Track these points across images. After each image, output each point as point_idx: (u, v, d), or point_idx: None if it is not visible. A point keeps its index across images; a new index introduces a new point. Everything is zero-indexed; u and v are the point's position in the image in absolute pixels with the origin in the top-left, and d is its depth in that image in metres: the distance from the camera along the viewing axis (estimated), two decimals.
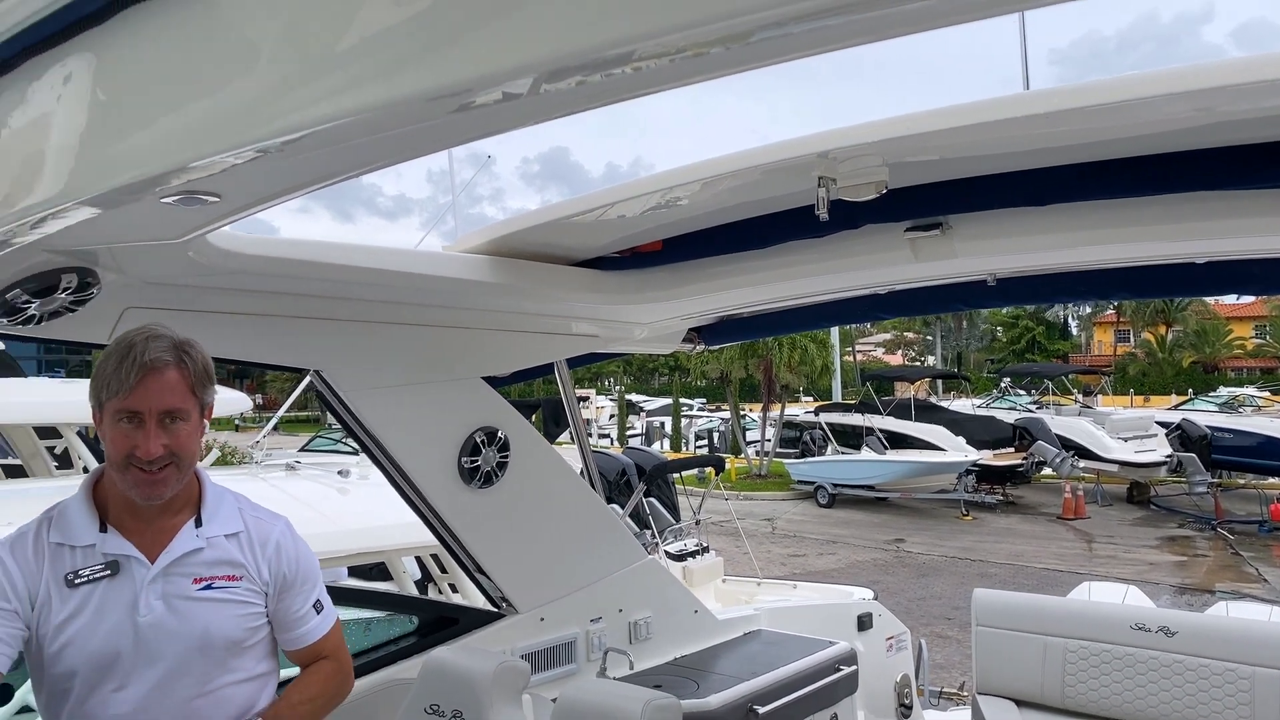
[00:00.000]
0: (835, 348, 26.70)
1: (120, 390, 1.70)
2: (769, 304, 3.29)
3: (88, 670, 1.73)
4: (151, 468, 1.73)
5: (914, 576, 13.30)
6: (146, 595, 1.77)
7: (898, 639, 4.82)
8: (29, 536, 1.78)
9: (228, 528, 1.90)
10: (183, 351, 1.77)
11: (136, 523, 1.81)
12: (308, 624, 2.00)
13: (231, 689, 1.87)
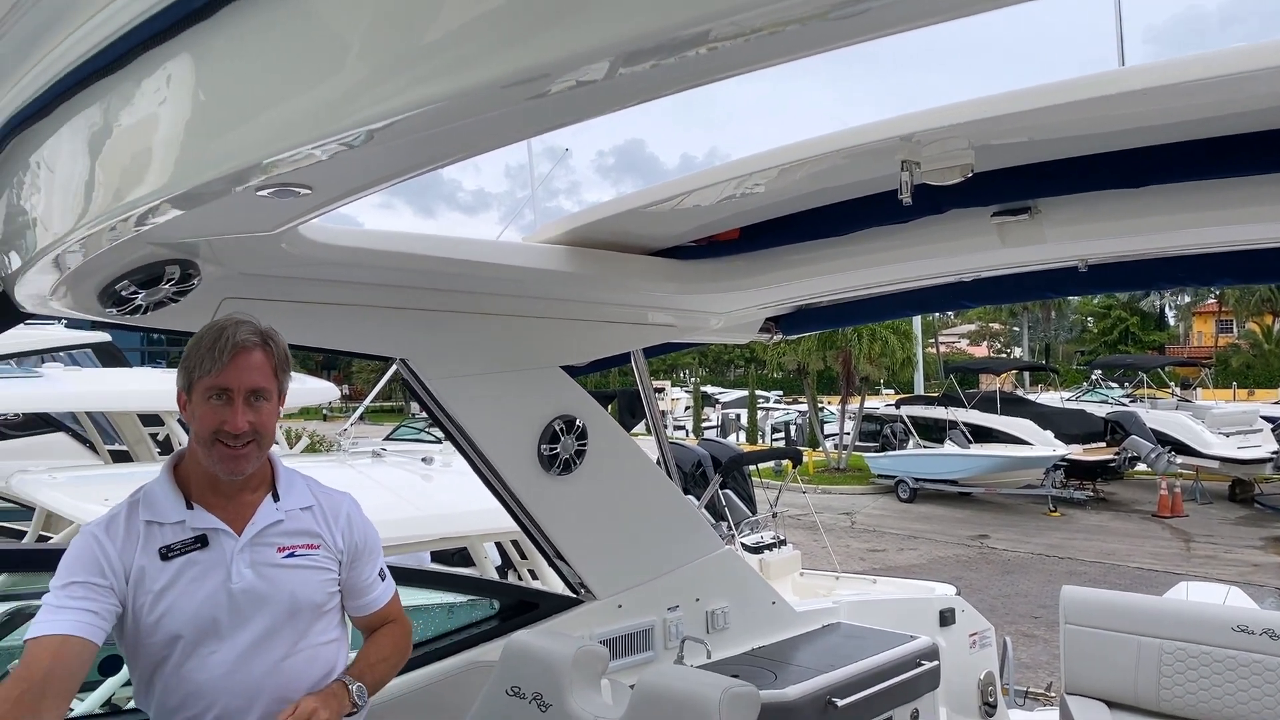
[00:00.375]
0: (917, 339, 26.13)
1: (213, 368, 1.82)
2: (848, 293, 3.24)
3: (188, 635, 1.83)
4: (237, 443, 1.83)
5: (998, 573, 12.96)
6: (237, 564, 1.88)
7: (981, 635, 4.70)
8: (120, 517, 1.88)
9: (302, 502, 2.02)
10: (268, 337, 1.90)
11: (218, 499, 1.92)
12: (375, 591, 2.12)
13: (316, 650, 1.98)
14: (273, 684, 1.89)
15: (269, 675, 1.89)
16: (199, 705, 1.85)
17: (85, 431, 8.96)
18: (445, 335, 2.73)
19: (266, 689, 1.89)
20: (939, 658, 3.68)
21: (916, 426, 21.23)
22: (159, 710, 1.88)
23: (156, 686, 1.87)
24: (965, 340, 55.90)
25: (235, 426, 1.82)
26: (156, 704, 1.88)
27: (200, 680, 1.84)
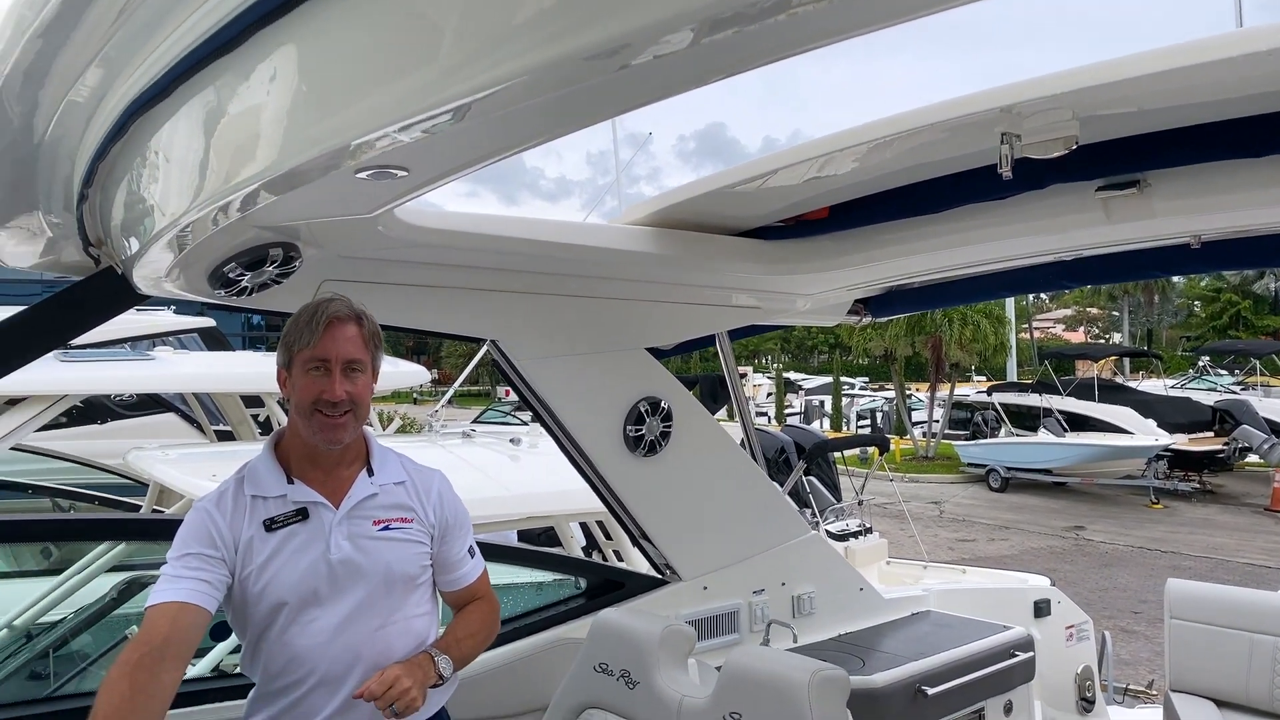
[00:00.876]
0: (1011, 324, 25.28)
1: (311, 340, 1.90)
2: (942, 273, 3.15)
3: (291, 603, 1.92)
4: (335, 412, 1.91)
5: (1096, 566, 12.50)
6: (335, 536, 1.95)
7: (1079, 628, 4.55)
8: (229, 493, 1.98)
9: (395, 477, 2.09)
10: (360, 313, 1.98)
11: (317, 473, 2.00)
12: (465, 567, 2.18)
13: (409, 622, 2.04)
14: (370, 652, 1.97)
15: (366, 644, 1.97)
16: (301, 670, 1.94)
17: (193, 412, 9.40)
18: (534, 317, 2.77)
19: (365, 657, 1.96)
20: (1034, 649, 3.57)
21: (1009, 414, 20.60)
22: (264, 675, 1.97)
23: (262, 653, 1.96)
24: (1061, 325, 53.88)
25: (334, 395, 1.89)
26: (262, 669, 1.97)
27: (302, 646, 1.93)
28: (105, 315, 2.10)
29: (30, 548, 5.93)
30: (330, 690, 1.94)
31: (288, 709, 1.95)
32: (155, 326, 10.26)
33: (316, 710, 1.94)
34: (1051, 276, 3.16)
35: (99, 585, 4.22)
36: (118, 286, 2.03)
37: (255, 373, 7.75)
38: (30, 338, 2.02)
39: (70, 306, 2.05)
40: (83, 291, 2.04)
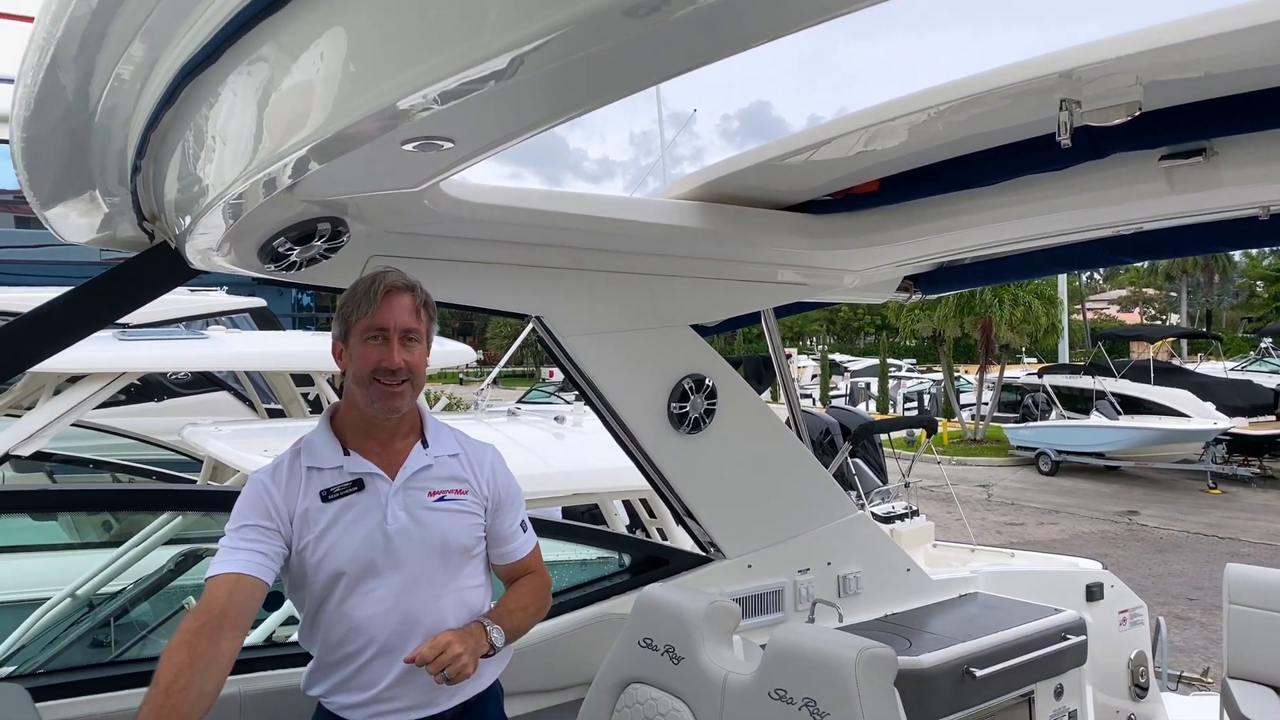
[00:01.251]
0: (1063, 304, 24.72)
1: (369, 310, 1.93)
2: (995, 247, 3.07)
3: (349, 572, 1.94)
4: (393, 380, 1.92)
5: (1149, 552, 12.24)
6: (391, 506, 1.97)
7: (1133, 613, 4.45)
8: (284, 465, 2.00)
9: (449, 449, 2.11)
10: (415, 284, 2.00)
11: (372, 444, 2.02)
12: (517, 540, 2.19)
13: (464, 593, 2.06)
14: (428, 622, 1.98)
15: (424, 613, 1.98)
16: (360, 640, 1.96)
17: (245, 391, 9.60)
18: (579, 293, 2.76)
19: (422, 626, 1.97)
20: (1086, 633, 3.50)
21: (1060, 397, 20.20)
22: (323, 646, 2.00)
23: (321, 624, 1.98)
24: (1115, 307, 52.64)
25: (392, 362, 1.91)
26: (321, 640, 2.00)
27: (361, 616, 1.95)
28: (159, 290, 2.14)
29: (92, 520, 6.13)
30: (389, 660, 1.96)
31: (348, 679, 1.98)
32: (208, 307, 10.47)
33: (376, 680, 1.96)
34: (1109, 251, 3.07)
35: (157, 557, 4.34)
36: (171, 261, 2.06)
37: (305, 351, 7.89)
38: (87, 313, 2.06)
39: (125, 282, 2.09)
40: (137, 267, 2.08)
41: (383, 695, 1.97)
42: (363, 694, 1.97)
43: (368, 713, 1.97)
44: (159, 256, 2.07)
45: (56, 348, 2.03)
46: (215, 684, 1.72)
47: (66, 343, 2.04)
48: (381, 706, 1.97)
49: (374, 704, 1.97)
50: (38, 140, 1.50)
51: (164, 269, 2.08)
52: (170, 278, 2.12)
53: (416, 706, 1.99)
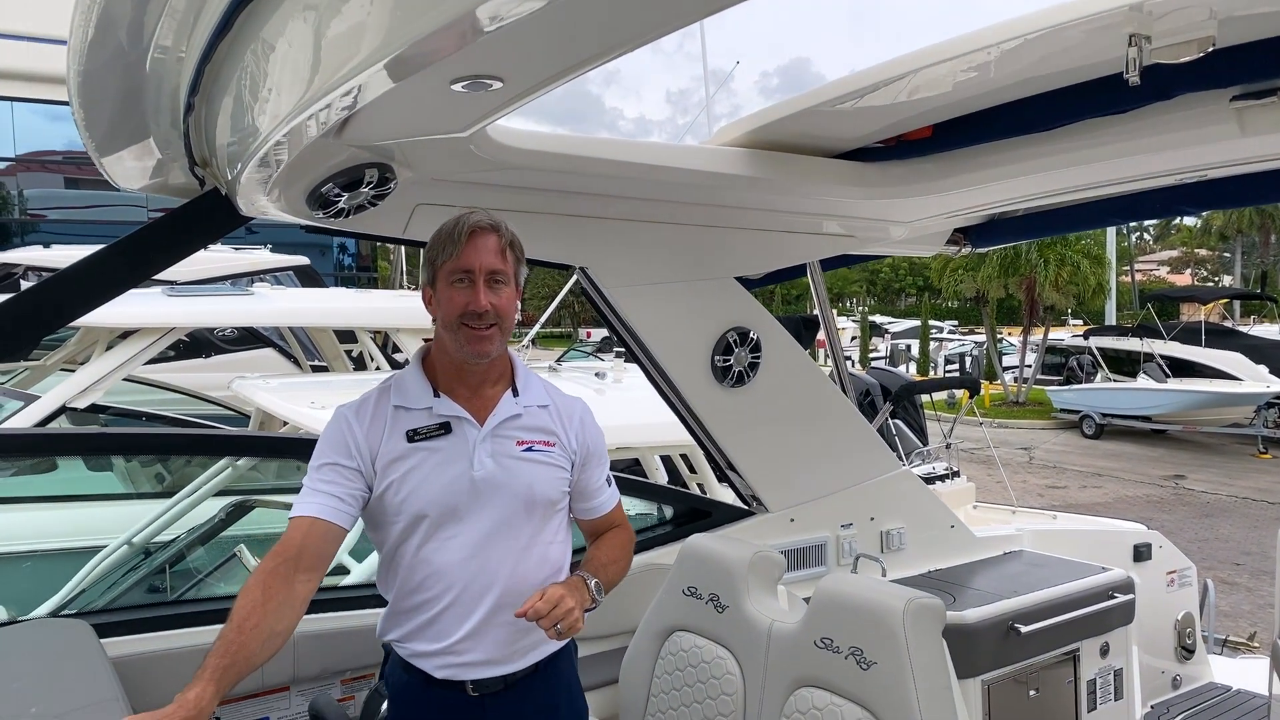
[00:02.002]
0: (1111, 265, 24.13)
1: (454, 251, 1.89)
2: (1051, 197, 2.97)
3: (431, 516, 1.91)
4: (481, 324, 1.89)
5: (1196, 516, 12.04)
6: (479, 452, 1.94)
7: (1180, 574, 4.38)
8: (370, 401, 1.97)
9: (539, 400, 2.07)
10: (501, 224, 1.95)
11: (463, 389, 1.98)
12: (602, 495, 2.18)
13: (546, 548, 2.02)
14: (507, 574, 1.94)
15: (503, 565, 1.95)
16: (437, 587, 1.92)
17: (290, 348, 9.76)
18: (624, 244, 2.74)
19: (501, 578, 1.94)
20: (1134, 592, 3.46)
21: (1106, 359, 19.81)
22: (399, 590, 1.97)
23: (399, 567, 1.96)
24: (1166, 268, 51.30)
25: (478, 305, 1.87)
26: (398, 584, 1.97)
27: (440, 563, 1.92)
28: (210, 237, 2.16)
29: (146, 472, 6.30)
30: (464, 611, 1.93)
31: (421, 627, 1.95)
32: (254, 264, 10.65)
33: (449, 631, 1.93)
34: (1171, 201, 2.96)
35: (208, 508, 4.45)
36: (222, 208, 2.07)
37: (349, 307, 7.99)
38: (139, 259, 2.09)
39: (176, 229, 2.11)
40: (188, 213, 2.09)
41: (454, 647, 1.94)
42: (435, 644, 1.94)
43: (438, 663, 1.94)
44: (210, 203, 2.08)
45: (111, 294, 2.06)
46: (286, 624, 1.74)
47: (120, 289, 2.07)
48: (452, 659, 1.94)
49: (445, 655, 1.94)
50: (94, 75, 1.50)
51: (214, 216, 2.09)
52: (221, 225, 2.13)
53: (489, 662, 1.96)
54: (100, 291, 2.04)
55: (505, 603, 1.94)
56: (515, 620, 1.89)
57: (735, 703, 2.31)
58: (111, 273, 2.05)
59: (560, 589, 1.86)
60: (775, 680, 2.24)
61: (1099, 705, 3.39)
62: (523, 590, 1.93)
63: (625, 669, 2.61)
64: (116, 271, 2.05)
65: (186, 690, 1.55)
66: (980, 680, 3.03)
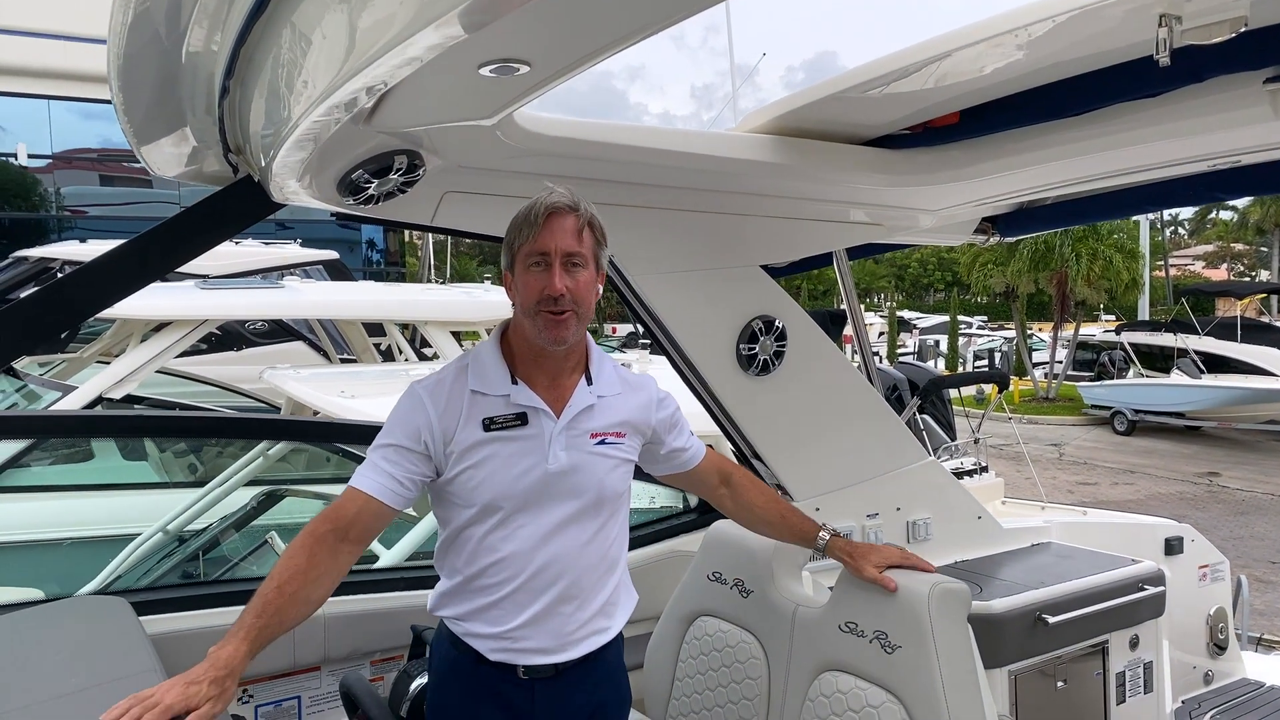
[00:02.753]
0: (1145, 259, 23.76)
1: (530, 234, 1.85)
2: (1080, 184, 2.95)
3: (503, 507, 1.90)
4: (557, 308, 1.85)
5: (1230, 514, 11.85)
6: (554, 445, 1.92)
7: (1214, 569, 4.33)
8: (446, 381, 1.95)
9: (613, 389, 2.05)
10: (581, 204, 1.90)
11: (541, 376, 1.96)
12: (692, 448, 2.24)
13: (610, 543, 2.03)
14: (572, 567, 1.94)
15: (568, 557, 1.94)
16: (502, 575, 1.92)
17: (320, 341, 9.88)
18: (650, 232, 2.75)
19: (566, 573, 1.94)
20: (1165, 584, 3.42)
21: (1139, 355, 19.52)
22: (461, 572, 1.96)
23: (462, 549, 1.95)
24: (1201, 263, 50.43)
25: (554, 289, 1.83)
26: (460, 566, 1.96)
27: (506, 552, 1.91)
28: (242, 224, 2.19)
29: (179, 462, 6.41)
30: (525, 600, 1.93)
31: (479, 610, 1.95)
32: (284, 259, 10.79)
33: (508, 618, 1.93)
34: (1202, 188, 2.92)
35: (239, 497, 4.53)
36: (255, 195, 2.11)
37: (377, 300, 8.07)
38: (174, 245, 2.13)
39: (210, 215, 2.15)
40: (222, 200, 2.13)
41: (511, 633, 1.94)
42: (492, 628, 1.94)
43: (492, 645, 1.94)
44: (243, 190, 2.12)
45: (146, 280, 2.10)
46: (322, 593, 1.76)
47: (155, 275, 2.11)
48: (508, 644, 1.94)
49: (501, 639, 1.94)
50: (132, 62, 1.54)
51: (247, 202, 2.13)
52: (253, 211, 2.17)
53: (543, 650, 1.95)
54: (136, 277, 2.09)
55: (567, 594, 1.95)
56: (574, 611, 1.94)
57: (759, 686, 2.32)
58: (147, 259, 2.09)
59: (877, 550, 2.20)
60: (799, 664, 2.25)
61: (1128, 698, 3.36)
62: (584, 583, 1.96)
63: (650, 654, 2.63)
64: (152, 258, 2.10)
65: (219, 648, 1.58)
66: (1007, 670, 3.02)
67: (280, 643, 2.49)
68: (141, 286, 2.09)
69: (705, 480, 2.27)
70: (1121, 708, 3.33)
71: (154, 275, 2.11)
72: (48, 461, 6.15)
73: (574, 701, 2.01)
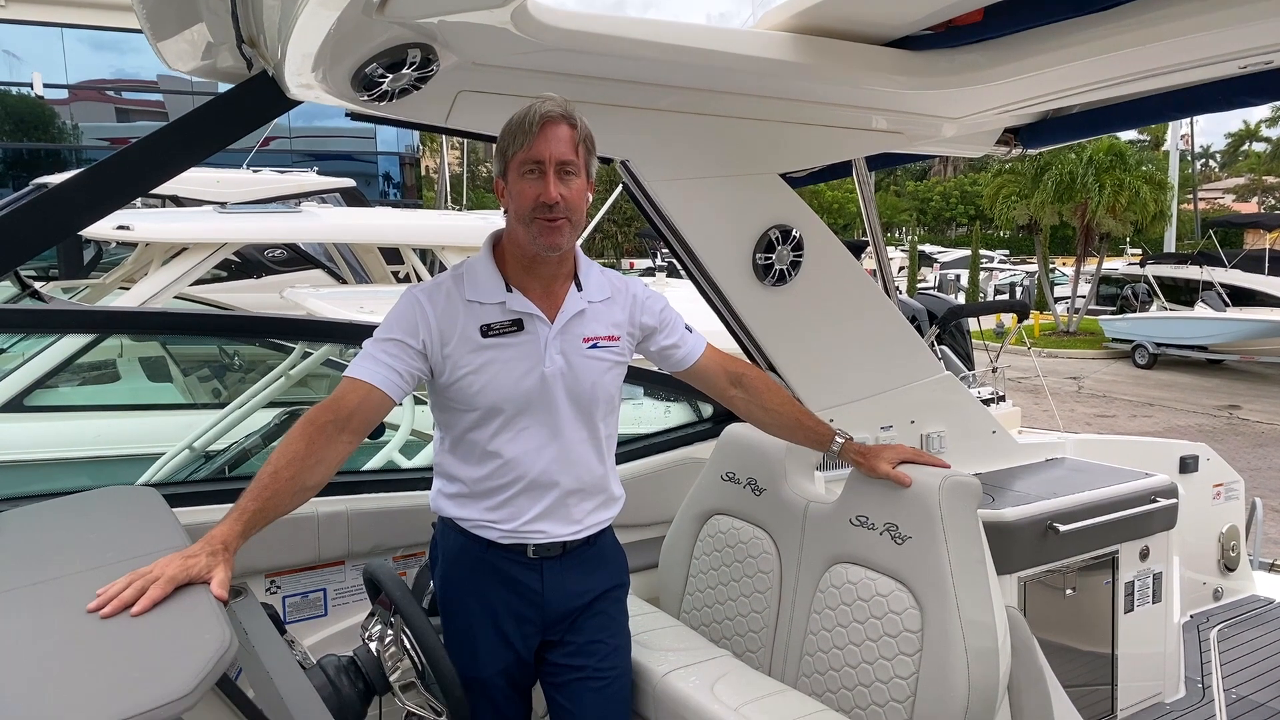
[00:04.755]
0: (1174, 189, 23.25)
1: (525, 142, 1.89)
2: (1106, 85, 2.87)
3: (505, 410, 1.97)
4: (553, 215, 1.90)
5: (1249, 446, 11.83)
6: (550, 350, 1.99)
7: (1228, 487, 4.34)
8: (444, 287, 2.00)
9: (602, 293, 2.11)
10: (573, 114, 1.94)
11: (534, 284, 2.02)
12: (689, 343, 2.26)
13: (604, 441, 2.11)
14: (572, 467, 2.04)
15: (572, 457, 2.03)
16: (509, 476, 2.00)
17: (338, 269, 9.91)
18: (666, 137, 2.72)
19: (568, 472, 2.03)
20: (1177, 497, 3.44)
21: (1163, 288, 19.27)
22: (467, 475, 2.03)
23: (469, 453, 2.03)
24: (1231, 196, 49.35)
25: (549, 196, 1.87)
26: (467, 468, 2.03)
27: (511, 454, 1.99)
28: (258, 120, 2.18)
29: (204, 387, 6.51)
30: (532, 499, 2.02)
31: (488, 510, 2.03)
32: (301, 186, 10.77)
33: (516, 516, 2.02)
34: (1231, 92, 2.83)
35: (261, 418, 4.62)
36: (269, 91, 2.10)
37: (395, 224, 8.08)
38: (189, 142, 2.12)
39: (225, 112, 2.14)
40: (238, 96, 2.13)
41: (523, 527, 2.02)
42: (502, 524, 2.02)
43: (502, 533, 2.03)
44: (258, 86, 2.11)
45: (165, 175, 2.11)
46: (319, 480, 1.79)
47: (173, 171, 2.12)
48: (516, 529, 2.03)
49: (514, 534, 2.03)
50: None
51: (263, 98, 2.12)
52: (269, 108, 2.15)
53: (552, 534, 2.04)
54: (155, 171, 2.09)
55: (572, 489, 2.04)
56: (579, 503, 2.04)
57: (771, 580, 2.37)
58: (164, 154, 2.10)
59: (890, 448, 2.24)
60: (811, 558, 2.29)
61: (1136, 607, 3.41)
62: (586, 479, 2.05)
63: (665, 553, 2.69)
64: (169, 152, 2.10)
65: (215, 528, 1.62)
66: (1017, 577, 3.06)
67: (305, 538, 2.58)
68: (162, 181, 2.10)
69: (713, 381, 2.30)
70: (1129, 616, 3.39)
71: (172, 171, 2.11)
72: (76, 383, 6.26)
73: (579, 582, 2.09)
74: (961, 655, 1.92)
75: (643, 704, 2.16)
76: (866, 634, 2.10)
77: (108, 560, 1.52)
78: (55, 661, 1.22)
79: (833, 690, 2.14)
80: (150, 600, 1.38)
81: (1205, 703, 3.53)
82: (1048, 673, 2.33)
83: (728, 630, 2.48)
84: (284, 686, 1.49)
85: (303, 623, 2.60)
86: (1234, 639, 4.02)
